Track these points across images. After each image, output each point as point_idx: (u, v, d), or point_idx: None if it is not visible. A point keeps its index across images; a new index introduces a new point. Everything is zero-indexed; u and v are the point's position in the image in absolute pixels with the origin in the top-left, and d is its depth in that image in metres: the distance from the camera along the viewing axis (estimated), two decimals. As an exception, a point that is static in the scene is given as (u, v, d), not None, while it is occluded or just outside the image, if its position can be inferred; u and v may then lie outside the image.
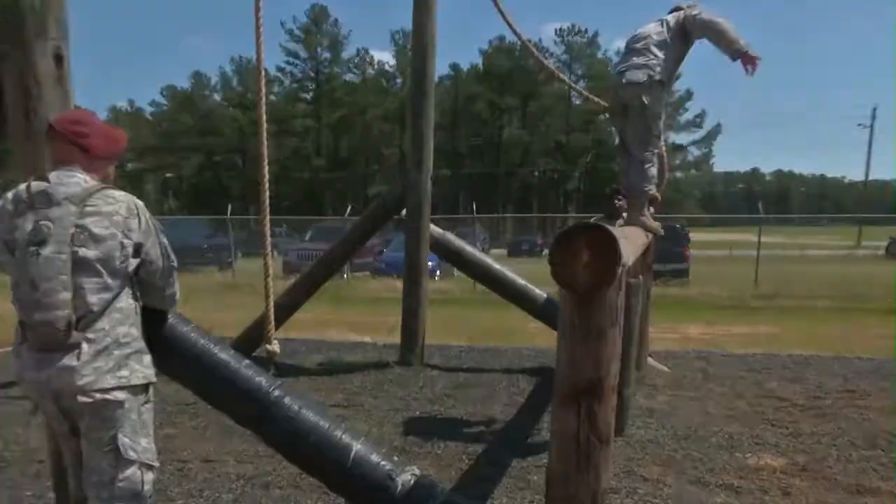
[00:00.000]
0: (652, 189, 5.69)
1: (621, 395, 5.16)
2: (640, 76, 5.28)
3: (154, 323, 2.91)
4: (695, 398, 6.60)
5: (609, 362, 2.34)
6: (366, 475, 3.19)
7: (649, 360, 7.71)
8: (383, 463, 3.24)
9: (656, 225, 6.01)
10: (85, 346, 2.47)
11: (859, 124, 65.37)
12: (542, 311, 7.78)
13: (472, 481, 4.51)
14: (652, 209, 6.13)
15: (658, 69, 5.29)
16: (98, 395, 2.50)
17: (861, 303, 15.88)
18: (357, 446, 3.24)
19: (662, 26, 5.43)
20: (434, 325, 9.30)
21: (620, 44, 6.64)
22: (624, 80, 5.36)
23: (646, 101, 5.28)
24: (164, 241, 2.72)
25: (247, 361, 3.30)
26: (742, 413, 6.11)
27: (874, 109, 62.85)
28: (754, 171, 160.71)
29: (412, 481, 3.20)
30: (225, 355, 3.23)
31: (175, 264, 2.81)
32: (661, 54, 5.31)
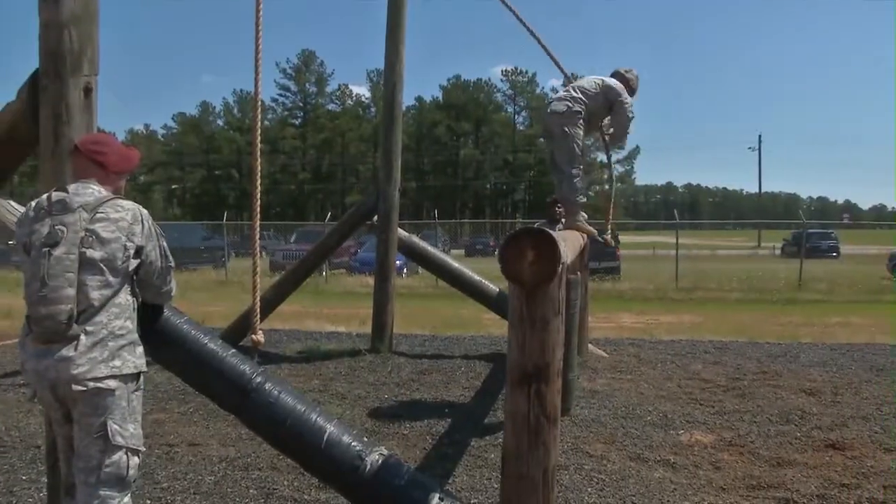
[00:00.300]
0: (582, 198, 5.80)
1: (566, 379, 4.94)
2: (560, 107, 5.63)
3: (151, 316, 2.82)
4: (631, 380, 6.38)
5: (554, 349, 2.33)
6: (338, 456, 2.95)
7: (590, 346, 7.54)
8: (354, 444, 3.00)
9: (591, 228, 6.04)
10: (83, 337, 2.35)
11: (749, 147, 67.43)
12: (496, 304, 7.66)
13: (436, 460, 4.25)
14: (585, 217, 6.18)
15: (578, 104, 5.58)
16: (91, 384, 2.36)
17: (765, 294, 15.95)
18: (330, 429, 3.00)
19: (597, 82, 5.77)
20: (401, 317, 9.04)
21: (556, 82, 6.98)
22: (548, 111, 5.76)
23: (566, 129, 5.56)
24: (164, 244, 2.65)
25: (233, 350, 3.10)
26: (673, 393, 5.90)
27: (759, 136, 64.96)
28: (669, 184, 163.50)
29: (380, 461, 2.97)
30: (213, 345, 3.04)
31: (172, 265, 2.73)
32: (583, 96, 5.63)
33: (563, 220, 6.87)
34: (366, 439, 3.16)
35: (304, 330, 9.48)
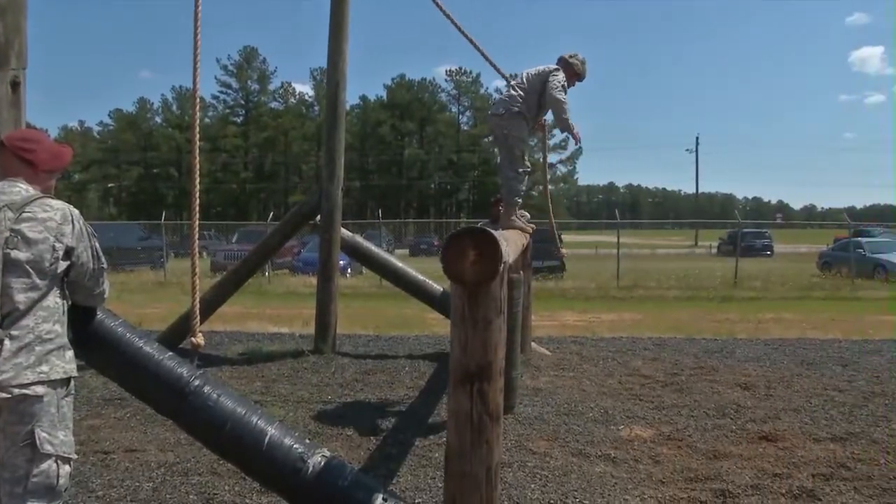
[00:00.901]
0: (519, 199, 5.82)
1: (509, 377, 4.98)
2: (499, 109, 5.67)
3: (83, 319, 2.74)
4: (573, 378, 6.47)
5: (496, 347, 2.35)
6: (279, 458, 2.92)
7: (533, 344, 7.60)
8: (296, 446, 2.96)
9: (528, 226, 6.06)
10: (7, 342, 2.24)
11: (687, 149, 69.16)
12: (439, 303, 7.65)
13: (380, 460, 4.22)
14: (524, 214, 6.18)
15: (517, 104, 5.57)
16: (17, 391, 2.25)
17: (702, 292, 16.37)
18: (271, 431, 2.96)
19: (533, 72, 5.73)
20: (345, 318, 8.98)
21: (500, 83, 6.90)
22: (490, 113, 5.84)
23: (505, 131, 5.59)
24: (96, 244, 2.55)
25: (170, 353, 3.03)
26: (613, 390, 6.00)
27: (697, 137, 66.59)
28: (610, 184, 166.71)
29: (323, 462, 2.94)
30: (149, 348, 2.97)
31: (105, 266, 2.63)
32: (523, 93, 5.59)
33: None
34: (308, 441, 3.13)
35: (246, 331, 9.32)
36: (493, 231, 2.25)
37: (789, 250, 34.47)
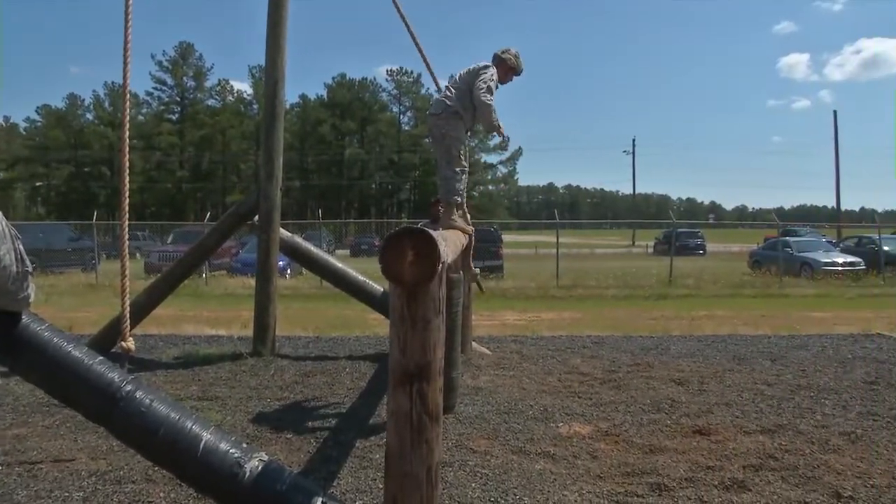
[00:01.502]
0: (458, 198, 5.81)
1: (449, 377, 5.01)
2: (437, 109, 5.68)
3: (6, 324, 2.66)
4: (513, 376, 6.53)
5: (435, 347, 2.32)
6: (215, 464, 2.86)
7: (473, 344, 7.64)
8: (232, 451, 2.90)
9: (469, 227, 6.06)
10: None
11: (624, 151, 70.70)
12: (380, 304, 7.61)
13: (320, 463, 4.18)
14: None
15: (451, 103, 5.57)
16: None
17: (639, 290, 16.74)
18: (207, 436, 2.90)
19: (466, 73, 5.72)
20: (285, 319, 8.86)
21: (441, 83, 6.87)
22: (428, 113, 5.83)
23: (443, 130, 5.60)
24: (20, 246, 2.47)
25: (100, 358, 2.94)
26: (553, 388, 6.08)
27: (633, 139, 68.14)
28: (550, 185, 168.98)
29: (260, 467, 2.89)
30: (77, 353, 2.87)
31: (30, 269, 2.56)
32: (457, 93, 5.61)
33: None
34: (245, 445, 3.07)
35: (182, 334, 9.10)
36: (431, 231, 2.25)
37: (721, 249, 35.58)
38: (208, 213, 23.56)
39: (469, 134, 5.95)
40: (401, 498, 2.37)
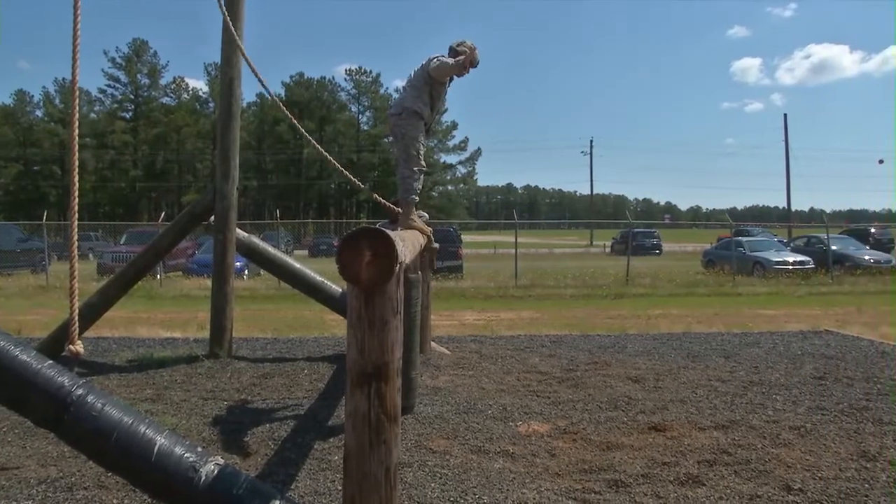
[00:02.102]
0: (415, 198, 5.81)
1: (408, 377, 5.00)
2: (396, 108, 5.68)
3: None
4: (472, 376, 6.54)
5: (393, 348, 2.34)
6: (170, 469, 2.79)
7: (432, 344, 7.64)
8: (187, 455, 2.84)
9: (426, 227, 6.08)
10: None
11: (582, 151, 71.58)
12: (338, 304, 7.56)
13: (277, 466, 4.12)
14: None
15: (409, 101, 5.57)
16: None
17: (596, 289, 16.93)
18: (161, 440, 2.83)
19: (419, 68, 5.70)
20: (242, 321, 8.76)
21: (400, 82, 6.88)
22: (388, 112, 5.82)
23: (403, 130, 5.61)
24: None
25: (49, 362, 2.84)
26: (512, 387, 6.11)
27: (591, 141, 68.96)
28: (509, 185, 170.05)
29: (216, 471, 2.83)
30: (25, 356, 2.77)
31: None
32: (414, 91, 5.61)
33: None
34: (200, 449, 3.01)
35: (136, 337, 8.92)
36: (388, 231, 2.25)
37: (677, 249, 36.23)
38: (163, 213, 23.17)
39: (429, 133, 5.94)
40: (359, 499, 2.37)
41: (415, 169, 5.68)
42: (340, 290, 7.53)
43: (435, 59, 5.55)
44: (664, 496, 3.61)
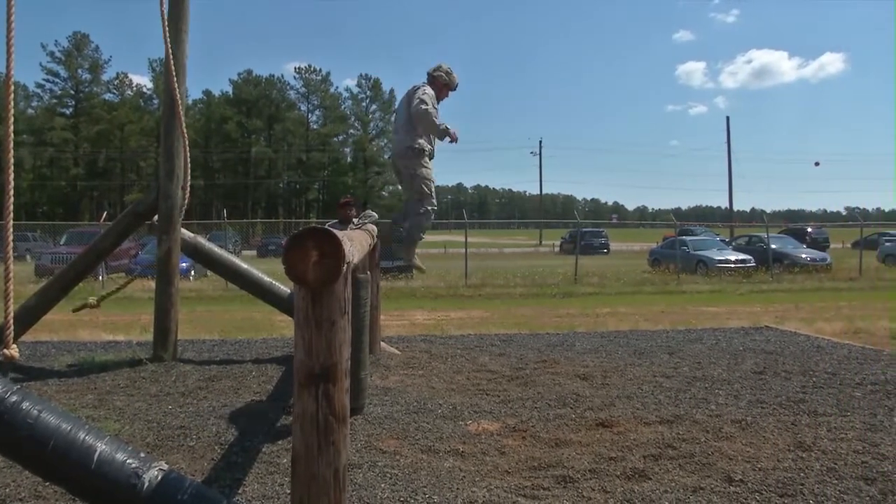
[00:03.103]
0: (423, 236, 5.95)
1: (358, 378, 4.98)
2: (399, 150, 5.77)
3: None
4: (422, 376, 6.54)
5: (341, 348, 2.30)
6: (110, 476, 2.70)
7: (382, 344, 7.61)
8: (129, 461, 2.76)
9: (422, 266, 6.26)
10: None
11: (531, 152, 72.15)
12: (287, 305, 7.45)
13: (224, 470, 4.04)
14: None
15: (409, 140, 5.65)
16: None
17: (545, 288, 17.11)
18: (101, 447, 2.74)
19: (405, 103, 5.77)
20: (188, 323, 8.60)
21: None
22: (390, 156, 5.96)
23: (411, 170, 5.68)
24: None
25: None
26: (462, 386, 6.13)
27: (540, 141, 69.59)
28: (459, 185, 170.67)
29: (160, 477, 2.76)
30: (-47, 364, 2.63)
31: None
32: (408, 129, 5.68)
33: (354, 220, 7.00)
34: (143, 455, 2.94)
35: (77, 340, 8.66)
36: (335, 231, 2.23)
37: (624, 248, 36.85)
38: (105, 213, 22.56)
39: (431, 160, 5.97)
40: (307, 502, 2.34)
41: (429, 208, 5.74)
42: (289, 290, 7.44)
43: (417, 101, 5.59)
44: (611, 490, 3.67)
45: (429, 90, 5.71)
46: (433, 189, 5.74)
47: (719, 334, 9.03)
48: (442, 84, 5.96)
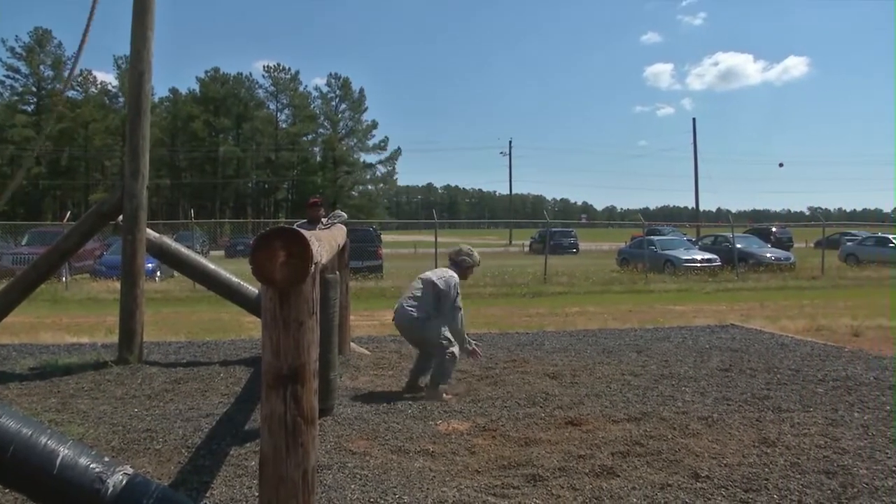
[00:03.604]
0: (450, 381, 5.98)
1: (327, 378, 4.95)
2: (403, 320, 5.92)
3: None
4: (392, 376, 6.53)
5: (309, 349, 2.29)
6: (73, 481, 2.66)
7: (352, 344, 7.60)
8: (93, 466, 2.72)
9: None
10: None
11: (501, 152, 72.40)
12: (255, 306, 7.39)
13: (191, 474, 3.98)
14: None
15: (420, 312, 5.83)
16: None
17: (515, 288, 17.18)
18: (64, 451, 2.70)
19: (431, 285, 5.96)
20: (154, 324, 8.48)
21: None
22: (396, 322, 6.09)
23: (419, 335, 5.90)
24: None
25: None
26: (432, 385, 6.12)
27: (510, 141, 69.74)
28: (429, 185, 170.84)
29: (124, 481, 2.73)
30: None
31: None
32: (425, 306, 5.88)
33: (323, 220, 7.00)
34: (108, 459, 2.90)
35: (39, 343, 8.48)
36: (303, 231, 2.22)
37: (593, 248, 37.16)
38: (69, 213, 22.15)
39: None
40: (276, 504, 2.32)
41: (447, 356, 5.77)
42: (257, 291, 7.38)
43: (451, 299, 5.84)
44: (580, 488, 3.70)
45: (456, 282, 5.99)
46: (448, 336, 5.82)
47: (686, 333, 9.15)
48: (466, 267, 6.27)
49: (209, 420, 5.11)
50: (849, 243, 28.55)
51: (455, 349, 5.80)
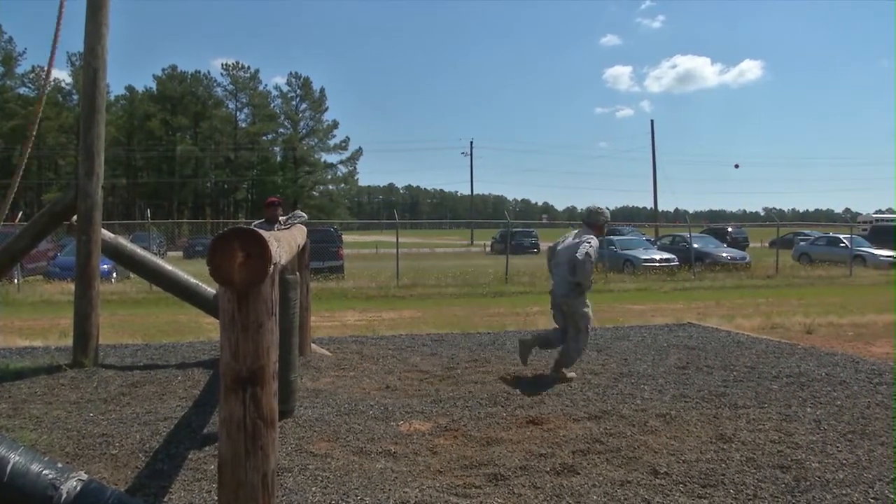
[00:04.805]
0: (575, 358, 6.54)
1: (288, 380, 4.91)
2: (561, 288, 6.55)
3: None
4: (354, 377, 6.50)
5: (268, 350, 2.27)
6: (26, 488, 2.63)
7: (313, 346, 7.53)
8: (46, 472, 2.67)
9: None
10: None
11: (462, 152, 72.45)
12: (214, 307, 7.27)
13: (149, 479, 3.91)
14: None
15: (571, 277, 6.39)
16: None
17: (477, 288, 17.24)
18: (15, 458, 2.66)
19: (571, 247, 6.41)
20: (110, 327, 8.31)
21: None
22: (553, 292, 6.69)
23: (569, 308, 6.46)
24: None
25: None
26: (393, 387, 6.11)
27: (472, 142, 69.87)
28: (391, 185, 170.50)
29: (79, 487, 2.68)
30: None
31: None
32: (573, 270, 6.35)
33: (281, 219, 6.94)
34: (61, 465, 2.83)
35: (-12, 348, 8.24)
36: (261, 231, 2.20)
37: (553, 248, 37.28)
38: (20, 213, 21.60)
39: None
40: (236, 508, 2.29)
41: (583, 344, 6.47)
42: (215, 292, 7.28)
43: (584, 254, 6.21)
44: (541, 486, 3.73)
45: (594, 242, 6.36)
46: (591, 326, 6.43)
47: (645, 331, 9.28)
48: (601, 225, 6.67)
49: (167, 424, 5.02)
50: (802, 243, 29.27)
51: (584, 341, 6.41)
